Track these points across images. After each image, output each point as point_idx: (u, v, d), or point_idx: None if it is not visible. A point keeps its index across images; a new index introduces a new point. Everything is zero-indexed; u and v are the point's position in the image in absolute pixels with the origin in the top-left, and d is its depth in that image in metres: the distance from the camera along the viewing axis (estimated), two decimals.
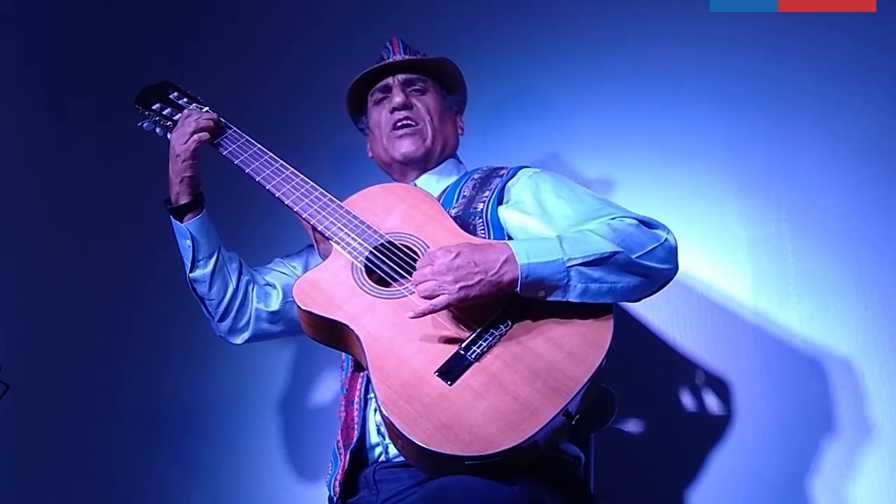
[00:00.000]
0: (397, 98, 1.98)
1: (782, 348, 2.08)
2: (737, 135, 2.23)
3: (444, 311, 1.63)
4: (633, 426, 2.13)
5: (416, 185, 1.97)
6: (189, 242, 1.88)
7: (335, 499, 1.74)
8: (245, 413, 2.49)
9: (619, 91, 2.36)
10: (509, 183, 1.87)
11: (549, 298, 1.60)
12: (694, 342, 2.14)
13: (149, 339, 2.64)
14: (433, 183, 1.98)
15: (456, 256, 1.60)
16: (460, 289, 1.58)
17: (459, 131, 2.08)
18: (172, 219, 1.90)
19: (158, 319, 2.64)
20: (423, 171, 1.99)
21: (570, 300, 1.59)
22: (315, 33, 2.76)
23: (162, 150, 2.09)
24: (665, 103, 2.30)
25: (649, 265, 1.65)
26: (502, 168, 1.93)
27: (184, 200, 1.88)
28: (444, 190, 1.94)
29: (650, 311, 2.15)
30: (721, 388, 2.10)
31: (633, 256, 1.63)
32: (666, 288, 1.74)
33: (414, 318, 1.60)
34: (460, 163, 2.06)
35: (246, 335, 1.97)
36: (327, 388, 2.41)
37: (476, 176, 1.93)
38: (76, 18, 3.01)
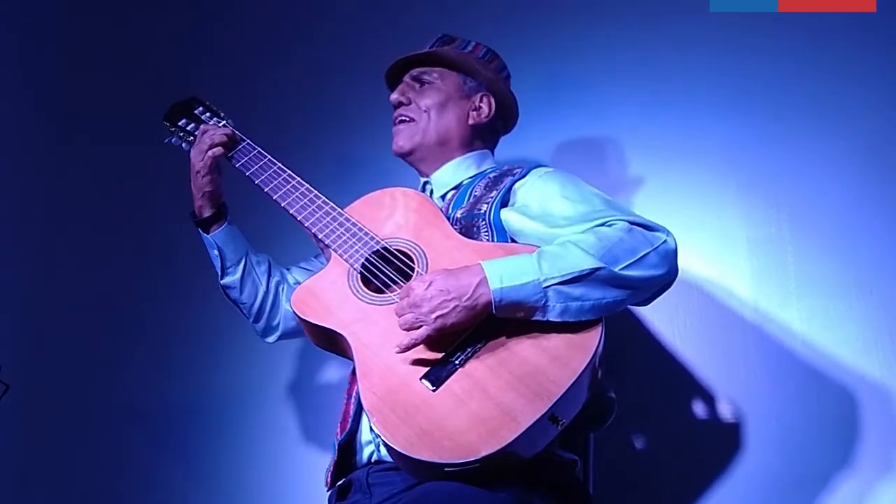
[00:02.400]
0: (392, 95, 1.99)
1: (782, 348, 2.07)
2: (737, 135, 2.22)
3: None
4: (631, 427, 2.12)
5: (431, 179, 1.97)
6: (216, 252, 1.96)
7: (326, 489, 1.77)
8: (247, 412, 2.49)
9: (617, 91, 2.35)
10: (517, 184, 1.84)
11: (529, 318, 1.58)
12: (693, 342, 2.14)
13: (149, 339, 2.64)
14: (449, 176, 1.96)
15: (429, 286, 1.59)
16: (436, 318, 1.57)
17: (477, 112, 1.98)
18: (200, 231, 1.97)
19: (159, 319, 2.65)
20: (433, 165, 1.98)
21: (551, 320, 1.57)
22: (326, 34, 2.75)
23: (163, 151, 2.10)
24: (664, 103, 2.30)
25: (636, 276, 1.60)
26: (517, 168, 1.90)
27: (207, 213, 1.95)
28: (458, 187, 1.93)
29: (650, 311, 2.14)
30: (720, 389, 2.10)
31: (617, 269, 1.58)
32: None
33: (400, 353, 1.60)
34: (484, 156, 2.01)
35: (278, 333, 2.05)
36: (331, 386, 2.41)
37: (491, 175, 1.90)
38: (78, 23, 3.01)
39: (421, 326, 1.58)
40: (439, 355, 1.60)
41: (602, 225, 1.66)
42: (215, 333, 2.56)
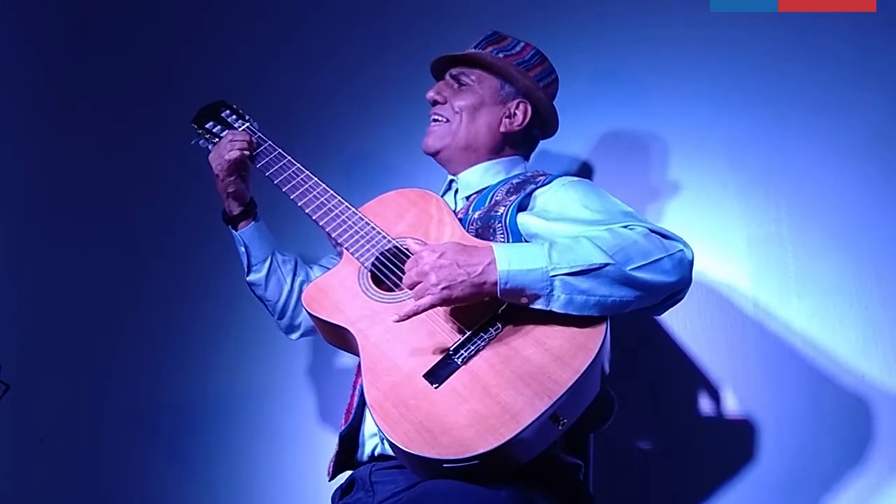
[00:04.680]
0: (428, 93, 2.01)
1: (782, 348, 2.07)
2: (737, 134, 2.22)
3: (438, 314, 1.64)
4: (631, 427, 2.12)
5: (458, 178, 1.98)
6: (243, 249, 2.00)
7: (328, 480, 1.80)
8: (249, 412, 2.49)
9: (617, 90, 2.36)
10: (539, 190, 1.84)
11: (532, 306, 1.58)
12: (693, 342, 2.14)
13: (149, 339, 2.64)
14: (476, 178, 1.97)
15: (440, 256, 1.60)
16: (443, 289, 1.57)
17: (510, 119, 1.97)
18: (229, 228, 2.02)
19: (159, 319, 2.65)
20: (460, 166, 1.98)
21: (554, 310, 1.57)
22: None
23: (164, 150, 2.12)
24: (664, 103, 2.30)
25: (646, 279, 1.60)
26: (541, 175, 1.90)
27: (235, 211, 2.00)
28: (481, 190, 1.93)
29: None
30: (720, 388, 2.10)
31: (628, 268, 1.58)
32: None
33: (399, 321, 1.60)
34: (514, 163, 2.00)
35: (300, 331, 2.10)
36: (337, 379, 2.40)
37: (514, 181, 1.90)
38: (85, 18, 3.01)
39: (426, 296, 1.58)
40: (442, 353, 1.60)
41: (622, 227, 1.66)
42: (217, 331, 2.56)
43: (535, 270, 1.57)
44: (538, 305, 1.57)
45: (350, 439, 1.78)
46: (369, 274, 1.76)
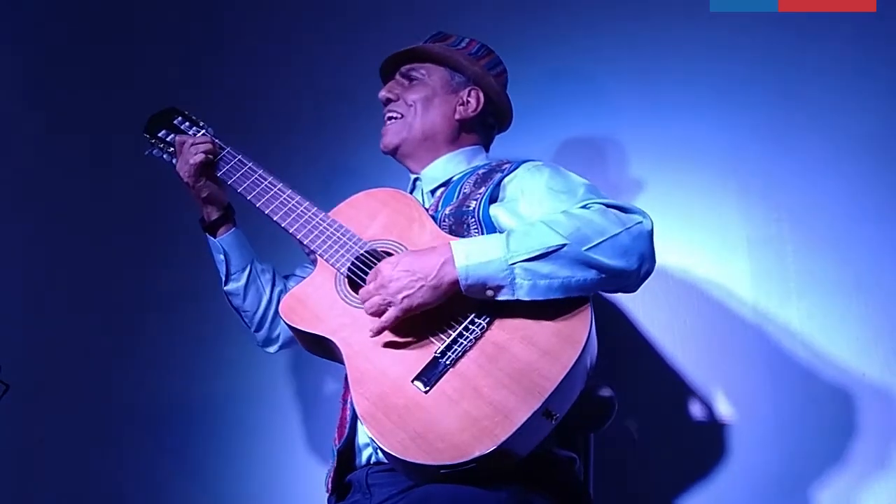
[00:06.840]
0: (380, 93, 1.99)
1: (782, 348, 2.08)
2: (737, 135, 2.22)
3: (421, 315, 1.61)
4: (631, 427, 2.12)
5: (421, 175, 1.96)
6: (222, 257, 1.95)
7: (328, 495, 1.77)
8: (247, 415, 2.49)
9: (618, 91, 2.36)
10: (506, 179, 1.82)
11: (498, 298, 1.57)
12: (693, 342, 2.14)
13: (150, 339, 2.64)
14: (438, 171, 1.94)
15: (395, 267, 1.59)
16: (402, 298, 1.58)
17: (464, 107, 1.96)
18: (207, 235, 1.96)
19: (159, 319, 2.64)
20: (421, 162, 1.96)
21: (521, 298, 1.56)
22: (323, 37, 2.75)
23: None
24: (665, 104, 2.30)
25: (603, 255, 1.57)
26: (506, 163, 1.88)
27: (214, 217, 1.95)
28: (447, 183, 1.92)
29: (649, 310, 2.15)
30: (720, 389, 2.10)
31: (584, 248, 1.56)
32: (667, 289, 1.72)
33: (373, 336, 1.60)
34: (475, 152, 1.98)
35: (279, 344, 2.04)
36: (330, 390, 2.41)
37: (480, 171, 1.88)
38: (85, 18, 3.01)
39: (389, 309, 1.58)
40: (429, 356, 1.59)
41: (579, 207, 1.65)
42: (216, 335, 2.55)
43: (494, 261, 1.56)
44: (504, 296, 1.56)
45: (347, 452, 1.76)
46: (346, 280, 1.73)
